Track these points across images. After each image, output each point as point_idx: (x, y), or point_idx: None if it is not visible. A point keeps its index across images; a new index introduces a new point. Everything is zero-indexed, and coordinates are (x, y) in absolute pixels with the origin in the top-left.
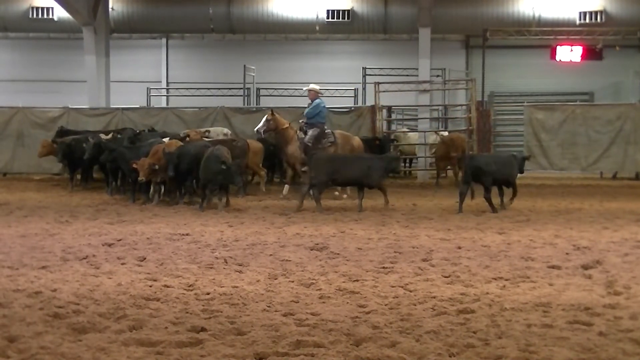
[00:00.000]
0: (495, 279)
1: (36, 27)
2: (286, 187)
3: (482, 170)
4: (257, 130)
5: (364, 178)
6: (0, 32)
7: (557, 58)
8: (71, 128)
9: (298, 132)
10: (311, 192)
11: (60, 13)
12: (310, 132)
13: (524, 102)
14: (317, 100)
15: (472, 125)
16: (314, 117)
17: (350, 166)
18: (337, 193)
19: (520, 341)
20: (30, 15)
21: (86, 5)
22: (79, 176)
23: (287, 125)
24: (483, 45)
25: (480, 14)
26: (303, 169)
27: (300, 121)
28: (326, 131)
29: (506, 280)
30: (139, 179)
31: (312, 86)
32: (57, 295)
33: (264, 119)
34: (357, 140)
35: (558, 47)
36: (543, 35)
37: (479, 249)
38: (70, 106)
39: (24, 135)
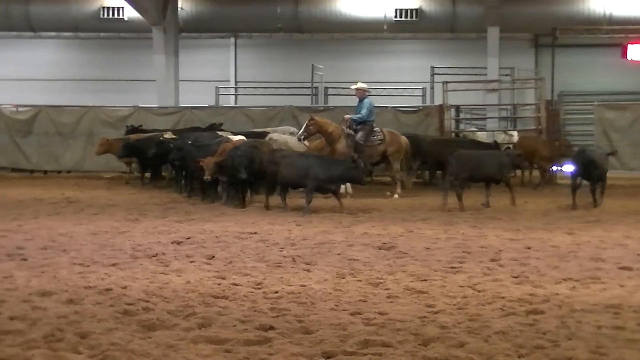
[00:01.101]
0: (564, 279)
1: (106, 27)
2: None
3: (594, 165)
4: (298, 136)
5: (497, 174)
6: (72, 32)
7: (629, 57)
8: (136, 126)
9: (346, 130)
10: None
11: (130, 13)
12: (361, 131)
13: (593, 102)
14: (367, 100)
15: (541, 124)
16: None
17: (488, 163)
18: (388, 193)
19: (591, 343)
20: (101, 15)
21: (155, 5)
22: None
23: (332, 126)
24: (552, 44)
25: (549, 13)
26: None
27: (347, 117)
28: (374, 129)
29: (576, 281)
30: (205, 177)
31: (360, 85)
32: (127, 292)
33: (305, 124)
34: (404, 139)
35: (629, 46)
36: (614, 33)
37: (548, 249)
38: (139, 105)
39: (94, 134)
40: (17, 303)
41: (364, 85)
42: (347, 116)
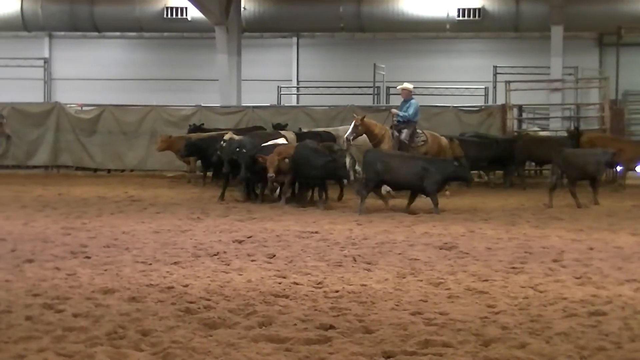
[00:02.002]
0: (628, 281)
1: (170, 27)
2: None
3: None
4: (346, 137)
5: (597, 173)
6: (136, 32)
7: None
8: (199, 125)
9: (391, 130)
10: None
11: (193, 13)
12: (405, 131)
13: None
14: (414, 100)
15: (605, 124)
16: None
17: (591, 161)
18: (447, 193)
19: None
20: (165, 15)
21: (219, 5)
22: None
23: (378, 127)
24: (617, 43)
25: (614, 11)
26: None
27: (394, 111)
28: (417, 130)
29: None
30: (269, 175)
31: (406, 85)
32: (189, 290)
33: (352, 125)
34: (444, 140)
35: None
36: None
37: (611, 250)
38: (202, 104)
39: (157, 133)
40: (81, 300)
41: (410, 86)
42: (394, 110)
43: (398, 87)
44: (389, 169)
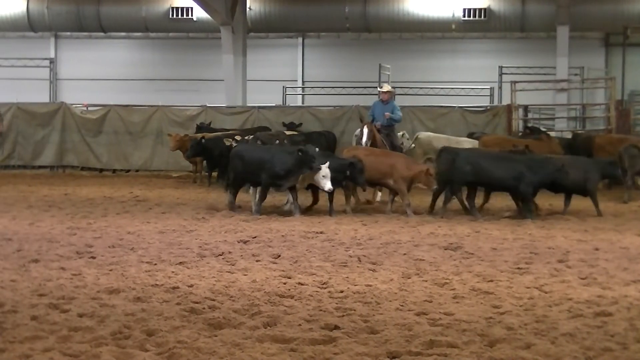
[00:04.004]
0: (634, 281)
1: (176, 27)
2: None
3: None
4: (364, 142)
5: None
6: (142, 33)
7: None
8: (207, 124)
9: (381, 133)
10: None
11: (199, 13)
12: (390, 133)
13: None
14: (395, 102)
15: (611, 124)
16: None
17: None
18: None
19: None
20: (170, 16)
21: (224, 5)
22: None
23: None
24: (623, 43)
25: (620, 11)
26: None
27: (388, 114)
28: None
29: None
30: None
31: (389, 87)
32: (194, 290)
33: (365, 130)
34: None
35: None
36: None
37: (617, 250)
38: (207, 105)
39: (163, 133)
40: (86, 300)
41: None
42: (388, 114)
43: (383, 89)
44: (479, 170)
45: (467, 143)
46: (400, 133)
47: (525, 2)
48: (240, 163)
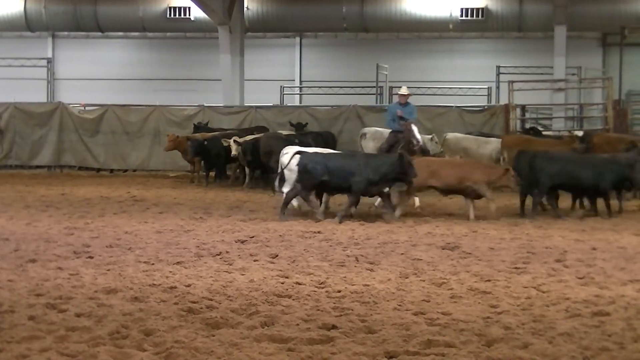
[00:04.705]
0: (631, 281)
1: (173, 26)
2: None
3: None
4: (418, 139)
5: None
6: (139, 32)
7: None
8: (205, 124)
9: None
10: None
11: (196, 13)
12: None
13: None
14: (412, 104)
15: (608, 124)
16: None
17: None
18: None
19: None
20: (168, 16)
21: (222, 5)
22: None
23: None
24: (621, 43)
25: (617, 11)
26: None
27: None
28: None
29: None
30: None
31: (407, 90)
32: (192, 290)
33: (415, 129)
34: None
35: None
36: None
37: (615, 250)
38: (205, 104)
39: (160, 133)
40: (84, 300)
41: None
42: (412, 121)
43: (402, 92)
44: (567, 172)
45: (495, 142)
46: (429, 136)
47: (522, 2)
48: (323, 170)
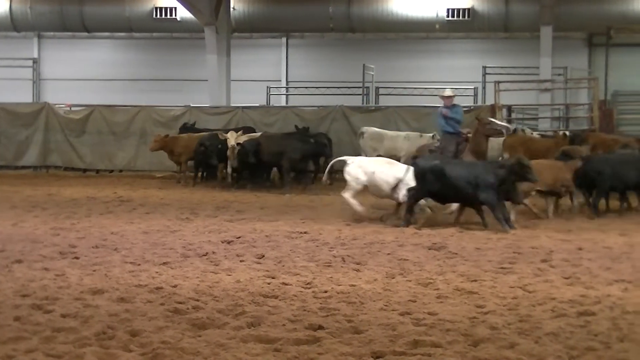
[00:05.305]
0: (617, 281)
1: (160, 27)
2: None
3: None
4: (507, 131)
5: None
6: (125, 33)
7: None
8: (192, 124)
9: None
10: None
11: (183, 13)
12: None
13: None
14: (459, 106)
15: (594, 125)
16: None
17: None
18: None
19: None
20: (154, 16)
21: (208, 5)
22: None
23: None
24: (607, 44)
25: (604, 12)
26: None
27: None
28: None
29: (628, 282)
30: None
31: (451, 92)
32: (178, 291)
33: (495, 120)
34: None
35: None
36: None
37: (601, 250)
38: (191, 105)
39: (146, 133)
40: (70, 301)
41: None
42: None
43: (445, 94)
44: (619, 174)
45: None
46: (430, 134)
47: (509, 3)
48: (438, 179)
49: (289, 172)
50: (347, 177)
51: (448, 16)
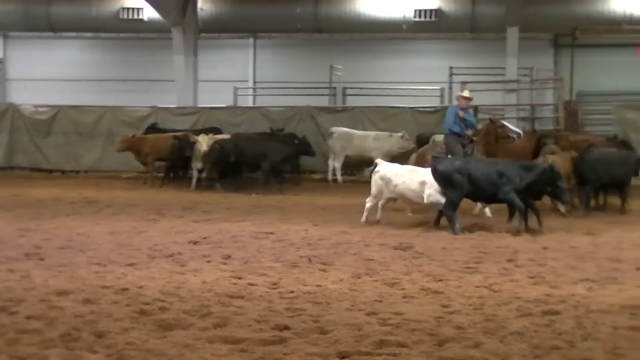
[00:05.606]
0: (581, 280)
1: (126, 27)
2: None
3: None
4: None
5: None
6: (92, 33)
7: None
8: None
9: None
10: None
11: (150, 13)
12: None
13: (613, 102)
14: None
15: (559, 125)
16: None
17: None
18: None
19: (607, 344)
20: (121, 16)
21: (175, 5)
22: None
23: None
24: (572, 44)
25: (569, 13)
26: None
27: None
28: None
29: (593, 281)
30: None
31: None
32: (144, 292)
33: (507, 123)
34: None
35: None
36: (634, 33)
37: (566, 249)
38: (158, 105)
39: (113, 134)
40: (35, 302)
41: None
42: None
43: (465, 95)
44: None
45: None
46: (400, 134)
47: (475, 3)
48: (466, 179)
49: (277, 172)
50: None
51: (415, 17)
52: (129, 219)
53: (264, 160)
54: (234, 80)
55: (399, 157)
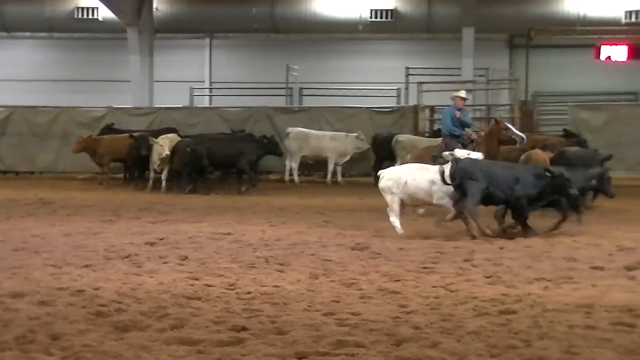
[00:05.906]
0: (537, 279)
1: (81, 27)
2: None
3: None
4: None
5: None
6: (46, 33)
7: (602, 57)
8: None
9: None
10: None
11: (105, 13)
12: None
13: (568, 102)
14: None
15: (515, 125)
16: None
17: None
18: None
19: (563, 342)
20: (76, 16)
21: (131, 5)
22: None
23: None
24: (527, 45)
25: (524, 13)
26: None
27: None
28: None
29: (548, 281)
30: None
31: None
32: (100, 293)
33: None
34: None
35: (602, 47)
36: (588, 34)
37: (522, 249)
38: (114, 106)
39: (68, 134)
40: None
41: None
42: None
43: (461, 95)
44: None
45: (427, 142)
46: (355, 134)
47: (431, 4)
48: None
49: (248, 171)
50: (382, 193)
51: (371, 17)
52: (84, 220)
53: (240, 160)
54: (190, 81)
55: (355, 158)
